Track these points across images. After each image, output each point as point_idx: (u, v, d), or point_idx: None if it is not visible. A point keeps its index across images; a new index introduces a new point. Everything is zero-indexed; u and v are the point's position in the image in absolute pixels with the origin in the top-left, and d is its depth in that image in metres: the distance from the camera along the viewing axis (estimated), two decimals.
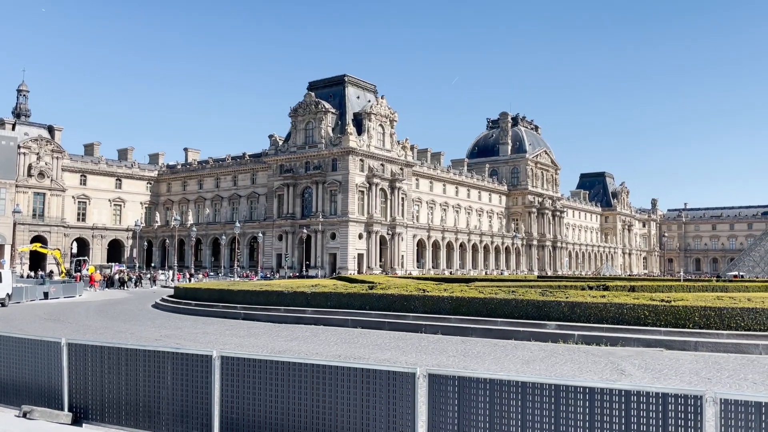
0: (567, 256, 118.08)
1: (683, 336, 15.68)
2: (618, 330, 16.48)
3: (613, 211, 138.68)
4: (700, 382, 11.41)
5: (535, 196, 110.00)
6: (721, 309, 15.80)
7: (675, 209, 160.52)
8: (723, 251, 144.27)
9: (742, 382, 11.43)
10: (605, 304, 17.13)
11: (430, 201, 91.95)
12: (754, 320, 15.52)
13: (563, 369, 12.75)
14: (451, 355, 14.64)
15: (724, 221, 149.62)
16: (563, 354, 14.77)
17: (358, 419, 6.95)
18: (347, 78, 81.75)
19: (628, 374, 12.24)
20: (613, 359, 13.93)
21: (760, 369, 12.82)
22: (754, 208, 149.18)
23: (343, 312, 21.47)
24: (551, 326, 17.42)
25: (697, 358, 14.17)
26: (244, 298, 25.11)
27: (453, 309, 19.44)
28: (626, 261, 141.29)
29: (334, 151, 76.13)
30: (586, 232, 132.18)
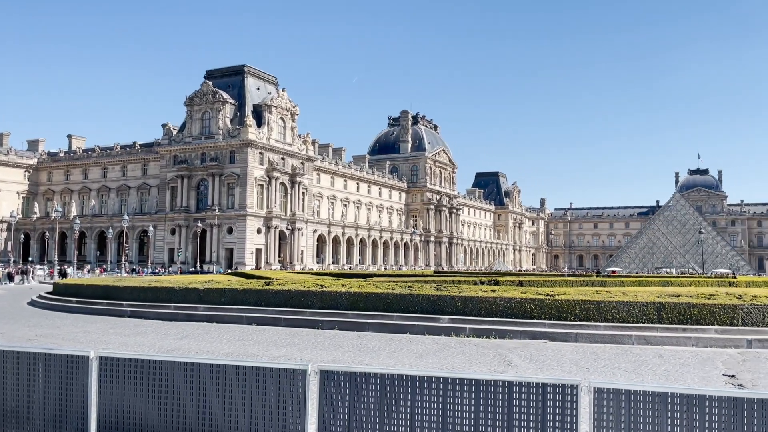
0: (462, 252, 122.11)
1: (565, 328, 16.61)
2: (506, 323, 17.19)
3: (505, 210, 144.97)
4: (579, 371, 12.11)
5: (433, 193, 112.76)
6: (599, 302, 16.88)
7: (561, 208, 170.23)
8: (603, 248, 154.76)
9: (616, 370, 12.26)
10: (495, 298, 17.82)
11: (330, 196, 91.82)
12: (628, 313, 16.70)
13: (454, 361, 13.11)
14: (347, 351, 14.65)
15: (604, 220, 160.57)
16: (455, 347, 15.19)
17: (248, 418, 6.77)
18: (247, 68, 79.82)
19: (514, 365, 12.77)
20: (501, 351, 14.51)
21: (632, 358, 13.80)
22: (631, 208, 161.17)
23: (237, 309, 20.92)
24: (444, 320, 17.89)
25: (577, 349, 15.05)
26: (131, 295, 23.84)
27: (350, 304, 19.48)
28: (517, 257, 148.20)
29: (232, 143, 74.12)
30: (481, 229, 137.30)
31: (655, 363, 13.16)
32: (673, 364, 12.99)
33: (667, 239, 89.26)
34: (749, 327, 16.02)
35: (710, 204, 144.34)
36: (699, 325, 16.14)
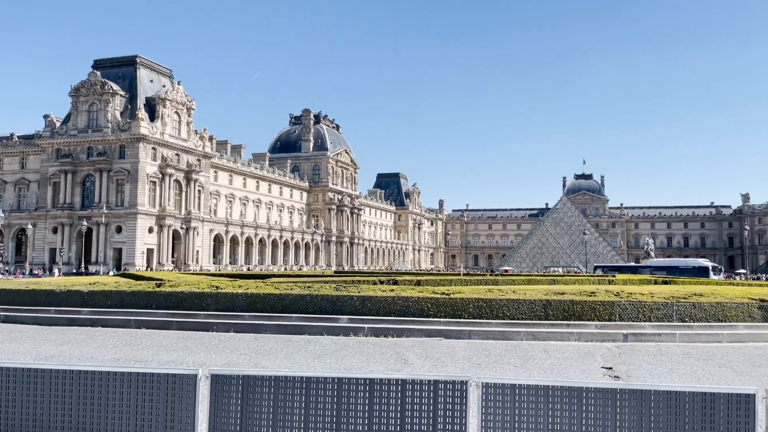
0: (363, 252, 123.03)
1: (459, 326, 17.14)
2: (404, 322, 17.49)
3: (405, 210, 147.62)
4: (471, 367, 12.54)
5: (335, 193, 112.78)
6: (491, 301, 17.56)
7: (459, 210, 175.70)
8: (497, 248, 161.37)
9: (506, 366, 12.80)
10: (393, 297, 18.08)
11: (229, 195, 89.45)
12: (517, 310, 17.49)
13: (352, 361, 13.16)
14: (243, 354, 14.32)
15: (498, 221, 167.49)
16: (353, 347, 15.26)
17: (133, 428, 6.43)
18: (140, 59, 76.09)
19: (410, 363, 13.01)
20: (398, 349, 14.74)
21: (521, 353, 14.46)
22: (523, 210, 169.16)
23: (125, 312, 19.84)
24: (343, 320, 17.92)
25: (470, 346, 15.57)
26: (6, 298, 22.00)
27: (247, 306, 19.05)
28: (416, 257, 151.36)
29: (122, 137, 70.36)
30: (382, 229, 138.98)
31: (541, 357, 13.87)
32: (557, 358, 13.75)
33: (555, 240, 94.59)
34: (625, 322, 17.25)
35: (594, 207, 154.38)
36: (581, 321, 17.19)
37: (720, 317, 17.47)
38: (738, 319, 17.51)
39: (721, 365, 13.11)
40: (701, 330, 17.00)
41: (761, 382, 11.06)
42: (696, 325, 17.16)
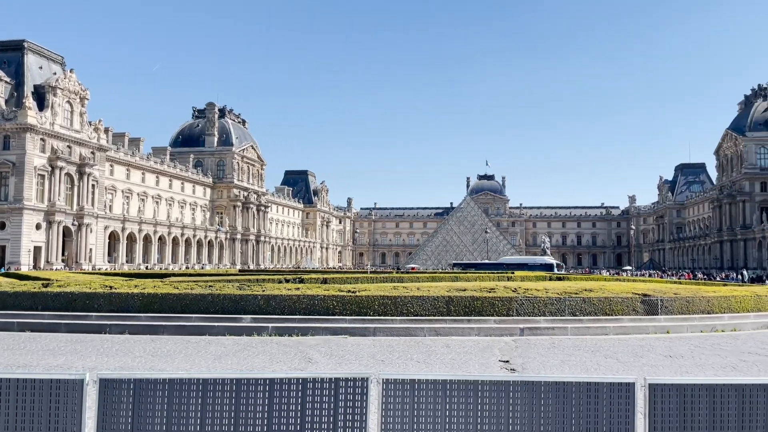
0: (270, 250, 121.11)
1: (365, 323, 17.26)
2: (309, 320, 17.38)
3: (313, 208, 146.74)
4: (375, 364, 12.65)
5: (240, 190, 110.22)
6: (396, 297, 17.81)
7: (367, 208, 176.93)
8: (404, 246, 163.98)
9: (409, 361, 13.02)
10: (299, 296, 17.92)
11: (126, 190, 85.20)
12: (421, 307, 17.84)
13: (254, 362, 12.91)
14: (138, 356, 13.68)
15: (405, 220, 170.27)
16: (256, 347, 14.97)
17: None
18: (28, 44, 70.88)
19: (315, 362, 12.94)
20: (303, 348, 14.62)
21: (424, 349, 14.76)
22: (429, 209, 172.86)
23: (7, 314, 18.40)
24: (247, 320, 17.55)
25: (375, 343, 15.71)
26: None
27: (144, 306, 18.22)
28: (324, 255, 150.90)
29: (7, 126, 65.31)
30: (289, 227, 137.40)
31: (443, 352, 14.23)
32: (458, 353, 14.16)
33: (459, 238, 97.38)
34: (522, 317, 18.05)
35: (495, 206, 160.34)
36: (481, 316, 17.81)
37: (607, 311, 18.66)
38: (623, 313, 18.78)
39: (607, 356, 13.98)
40: (590, 323, 18.08)
41: (642, 372, 11.92)
42: (586, 318, 18.22)
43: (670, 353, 14.51)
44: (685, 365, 12.93)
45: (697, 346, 15.80)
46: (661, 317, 18.85)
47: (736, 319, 19.70)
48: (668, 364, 13.00)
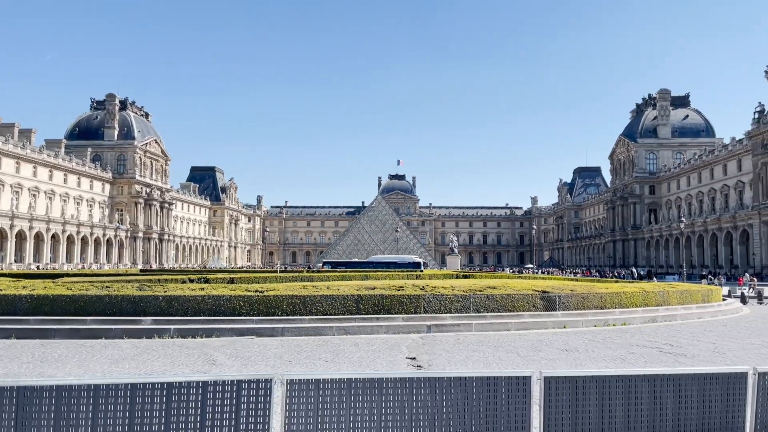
0: (174, 249, 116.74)
1: (273, 323, 16.98)
2: (214, 321, 16.88)
3: (221, 206, 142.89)
4: (282, 364, 12.47)
5: (143, 186, 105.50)
6: (305, 297, 17.65)
7: (277, 206, 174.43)
8: (315, 245, 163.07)
9: (317, 361, 12.93)
10: (203, 296, 17.36)
11: (15, 184, 79.34)
12: (330, 306, 17.78)
13: (154, 365, 12.38)
14: (25, 362, 12.75)
15: (317, 218, 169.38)
16: (157, 350, 14.37)
17: None
18: None
19: (219, 364, 12.58)
20: (207, 350, 14.18)
21: (332, 348, 14.71)
22: (340, 208, 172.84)
23: None
24: (147, 322, 16.80)
25: (283, 343, 15.49)
26: None
27: (33, 309, 17.01)
28: (232, 254, 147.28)
29: None
30: (195, 225, 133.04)
31: (351, 351, 14.24)
32: (366, 351, 14.23)
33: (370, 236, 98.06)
34: (429, 314, 18.40)
35: (406, 206, 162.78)
36: (390, 314, 17.99)
37: (509, 307, 19.38)
38: (524, 309, 19.57)
39: (509, 351, 14.52)
40: (494, 320, 18.71)
41: (540, 365, 12.46)
42: (489, 315, 18.85)
43: (566, 347, 15.26)
44: (579, 358, 13.65)
45: (590, 339, 16.72)
46: (559, 313, 19.82)
47: (626, 313, 21.03)
48: (564, 358, 13.67)
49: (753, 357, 14.07)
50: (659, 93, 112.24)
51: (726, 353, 14.61)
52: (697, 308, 23.87)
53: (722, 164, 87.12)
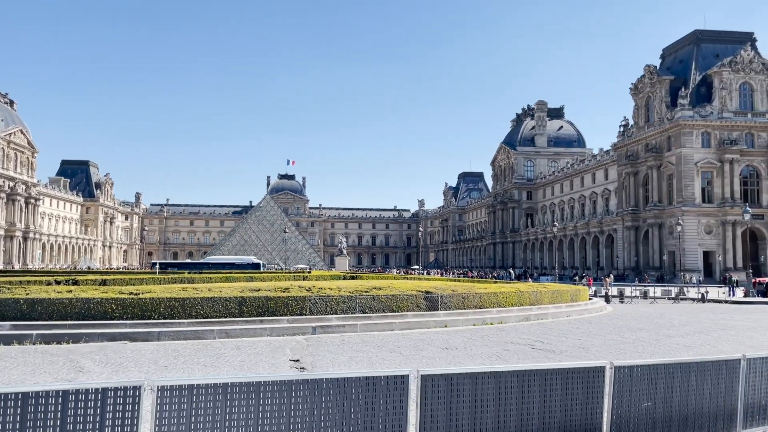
0: (41, 248, 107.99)
1: (148, 327, 16.14)
2: (83, 326, 15.75)
3: (95, 203, 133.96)
4: (158, 370, 11.89)
5: (5, 179, 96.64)
6: (185, 299, 16.95)
7: (158, 204, 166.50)
8: (199, 245, 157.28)
9: (195, 366, 12.44)
10: (71, 299, 16.16)
11: None
12: (212, 308, 17.20)
13: (12, 374, 11.34)
14: None
15: (201, 218, 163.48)
16: (17, 357, 13.19)
17: None
18: None
19: (87, 371, 11.77)
20: (74, 357, 13.22)
21: (212, 352, 14.23)
22: (227, 207, 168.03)
23: None
24: (6, 327, 15.37)
25: (159, 348, 14.76)
26: None
27: None
28: (107, 254, 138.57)
29: None
30: (65, 222, 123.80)
31: (232, 355, 13.85)
32: (248, 354, 13.89)
33: (257, 237, 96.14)
34: (315, 315, 18.30)
35: (295, 206, 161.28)
36: (275, 316, 17.70)
37: (394, 308, 19.73)
38: (408, 309, 20.00)
39: (392, 350, 14.77)
40: (378, 320, 18.96)
41: (420, 364, 12.78)
42: (374, 315, 19.08)
43: (446, 345, 15.78)
44: (458, 356, 14.15)
45: (469, 338, 17.40)
46: (441, 312, 20.45)
47: (502, 312, 22.10)
48: (444, 356, 14.12)
49: (613, 352, 15.28)
50: (537, 104, 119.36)
51: (590, 348, 15.76)
52: (567, 307, 25.56)
53: (591, 173, 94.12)
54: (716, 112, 69.25)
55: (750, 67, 69.94)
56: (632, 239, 78.10)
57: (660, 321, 24.34)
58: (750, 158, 68.88)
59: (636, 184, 78.29)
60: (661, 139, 73.06)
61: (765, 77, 70.09)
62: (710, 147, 68.88)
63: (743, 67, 69.86)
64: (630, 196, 78.83)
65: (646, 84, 76.96)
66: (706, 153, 68.88)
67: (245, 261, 69.81)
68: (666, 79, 73.70)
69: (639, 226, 77.15)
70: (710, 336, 19.36)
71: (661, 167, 72.86)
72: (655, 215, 72.73)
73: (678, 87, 72.00)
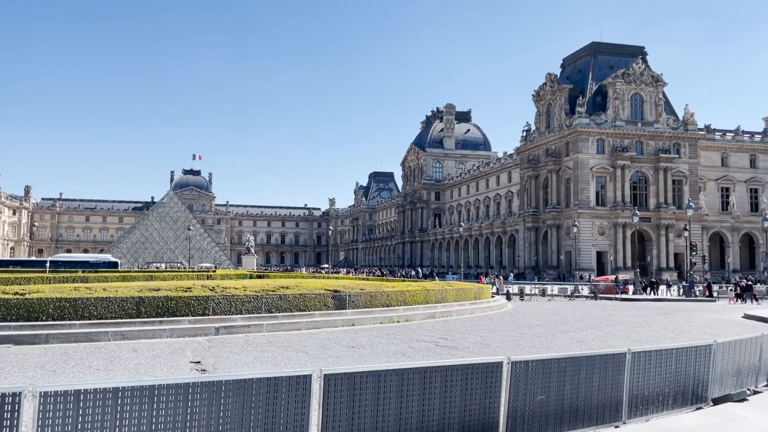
0: None
1: (35, 329, 15.07)
2: None
3: None
4: (45, 375, 11.13)
5: None
6: (77, 300, 15.96)
7: (50, 198, 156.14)
8: (95, 242, 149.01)
9: (87, 370, 11.74)
10: None
11: None
12: (107, 309, 16.31)
13: None
14: None
15: (98, 213, 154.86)
16: None
17: None
18: None
19: None
20: None
21: (106, 355, 13.49)
22: (126, 203, 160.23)
23: None
24: None
25: (46, 351, 13.82)
26: None
27: None
28: None
29: None
30: None
31: (128, 357, 13.20)
32: (146, 357, 13.28)
33: (160, 234, 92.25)
34: (219, 316, 17.78)
35: (201, 203, 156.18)
36: (175, 317, 17.04)
37: (302, 307, 19.53)
38: (316, 308, 19.86)
39: (298, 350, 14.60)
40: (285, 319, 18.71)
41: (327, 363, 12.72)
42: (281, 315, 18.80)
43: (353, 344, 15.80)
44: (364, 354, 14.21)
45: (376, 336, 17.52)
46: (348, 311, 20.46)
47: (409, 310, 22.43)
48: (351, 355, 14.13)
49: (512, 347, 15.89)
50: (446, 107, 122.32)
51: (491, 345, 16.30)
52: (470, 305, 26.32)
53: (496, 176, 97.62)
54: (610, 120, 73.72)
55: (641, 79, 74.97)
56: (533, 239, 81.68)
57: (556, 317, 25.60)
58: (639, 164, 73.84)
59: (537, 187, 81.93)
60: (560, 145, 76.89)
61: (653, 89, 75.36)
62: (604, 153, 73.22)
63: (635, 79, 74.78)
64: (531, 198, 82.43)
65: (547, 91, 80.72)
66: (601, 159, 73.18)
67: (101, 259, 63.94)
68: (565, 88, 77.61)
69: (539, 227, 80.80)
70: (601, 331, 20.56)
71: (560, 171, 76.68)
72: (554, 217, 76.44)
73: (576, 95, 76.04)
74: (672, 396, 8.95)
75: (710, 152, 78.40)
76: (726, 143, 79.69)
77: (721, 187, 79.01)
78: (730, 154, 79.78)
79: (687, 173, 74.76)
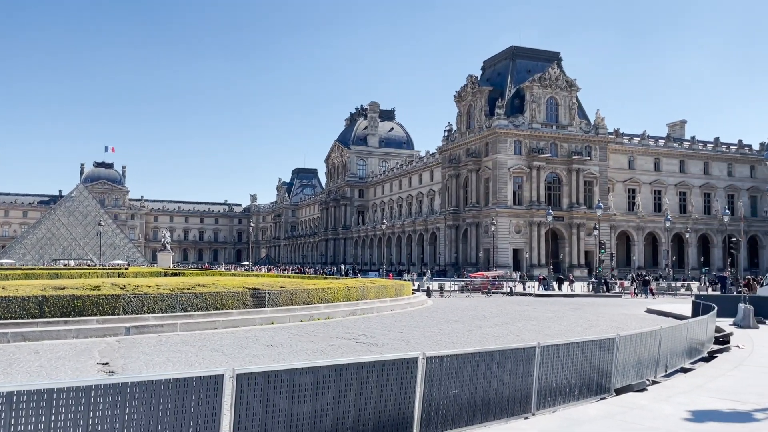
0: None
1: None
2: None
3: None
4: None
5: None
6: None
7: None
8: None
9: None
10: None
11: None
12: (6, 309, 15.31)
13: None
14: None
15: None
16: None
17: None
18: None
19: None
20: None
21: (4, 358, 12.68)
22: (31, 196, 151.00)
23: None
24: None
25: None
26: None
27: None
28: None
29: None
30: None
31: (30, 360, 12.44)
32: (49, 359, 12.57)
33: (68, 230, 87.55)
34: (129, 315, 17.06)
35: (113, 197, 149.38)
36: (82, 316, 16.22)
37: (219, 305, 19.05)
38: (234, 307, 19.44)
39: (214, 350, 14.23)
40: (201, 318, 18.19)
41: (243, 362, 12.48)
42: (197, 314, 18.27)
43: (272, 342, 15.58)
44: (283, 353, 14.04)
45: (296, 334, 17.35)
46: (268, 309, 20.15)
47: (330, 308, 22.35)
48: (269, 353, 13.92)
49: (430, 343, 16.15)
50: (370, 105, 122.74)
51: (410, 341, 16.51)
52: (391, 301, 26.56)
53: (419, 174, 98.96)
54: (527, 122, 76.32)
55: (556, 84, 78.03)
56: (453, 237, 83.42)
57: (473, 313, 26.27)
58: (554, 166, 76.89)
59: (458, 186, 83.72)
60: (480, 145, 78.89)
61: (568, 93, 78.65)
62: (522, 154, 75.74)
63: (550, 83, 77.75)
64: (452, 197, 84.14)
65: (468, 93, 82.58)
66: (518, 159, 75.65)
67: None
68: (486, 90, 79.67)
69: (459, 225, 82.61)
70: (515, 326, 21.28)
71: (480, 171, 78.69)
72: (474, 215, 78.38)
73: (496, 97, 78.20)
74: (578, 387, 9.37)
75: (619, 155, 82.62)
76: (633, 147, 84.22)
77: (628, 189, 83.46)
78: (636, 157, 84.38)
79: (597, 175, 78.51)
